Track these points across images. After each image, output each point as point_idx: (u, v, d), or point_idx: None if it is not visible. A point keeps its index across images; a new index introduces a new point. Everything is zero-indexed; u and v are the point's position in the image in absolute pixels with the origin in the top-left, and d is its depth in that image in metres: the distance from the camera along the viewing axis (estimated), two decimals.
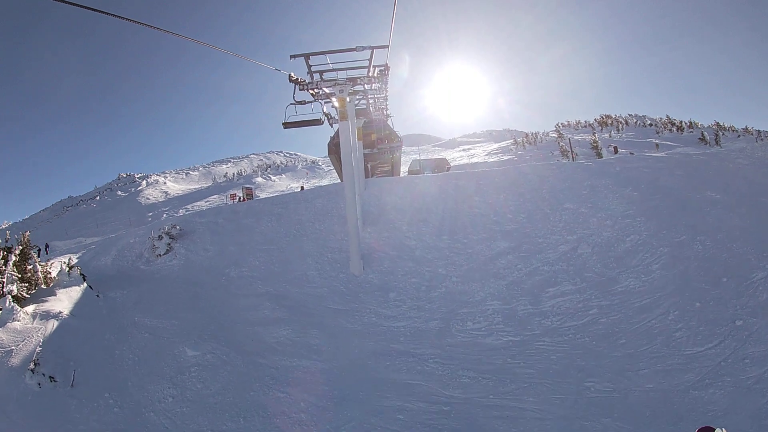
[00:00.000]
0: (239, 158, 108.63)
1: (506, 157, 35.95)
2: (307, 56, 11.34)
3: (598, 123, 48.29)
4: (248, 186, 30.32)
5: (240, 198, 27.06)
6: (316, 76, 12.15)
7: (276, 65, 10.61)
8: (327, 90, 12.35)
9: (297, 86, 11.54)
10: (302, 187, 28.02)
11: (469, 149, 62.54)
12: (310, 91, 12.71)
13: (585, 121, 55.46)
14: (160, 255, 17.02)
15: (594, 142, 28.44)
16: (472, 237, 12.80)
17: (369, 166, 24.85)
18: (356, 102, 15.78)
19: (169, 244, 17.40)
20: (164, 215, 43.16)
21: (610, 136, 36.83)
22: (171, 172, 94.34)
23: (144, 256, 17.49)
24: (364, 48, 10.81)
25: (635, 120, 47.12)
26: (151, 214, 45.54)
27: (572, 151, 25.41)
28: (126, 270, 16.85)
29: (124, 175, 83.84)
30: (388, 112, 20.52)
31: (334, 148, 21.55)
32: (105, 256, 18.42)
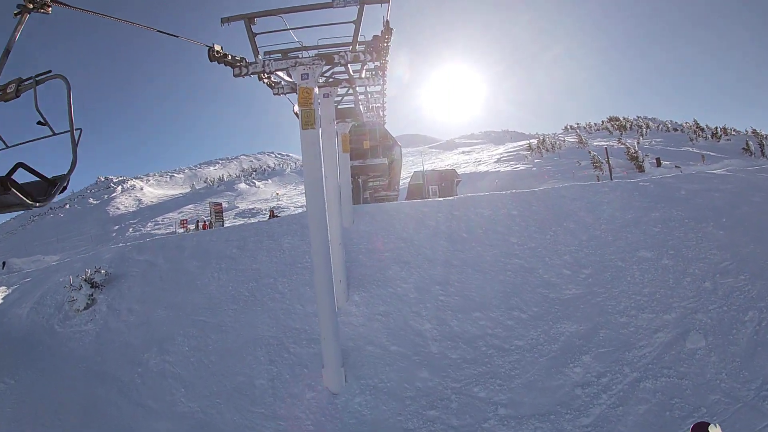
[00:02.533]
0: (228, 159, 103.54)
1: (521, 166, 31.03)
2: (249, 18, 6.48)
3: (614, 126, 43.72)
4: (217, 202, 25.41)
5: (199, 224, 22.06)
6: (272, 55, 7.38)
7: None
8: (289, 77, 7.52)
9: (233, 70, 6.82)
10: (272, 212, 22.66)
11: (469, 152, 58.47)
12: (264, 80, 8.09)
13: (596, 124, 51.24)
14: (78, 310, 13.02)
15: (633, 153, 23.86)
16: (519, 314, 8.23)
17: (360, 181, 20.15)
18: (337, 99, 10.85)
19: (91, 295, 13.26)
20: (131, 229, 38.33)
21: (638, 143, 32.34)
22: (154, 174, 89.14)
23: (64, 308, 13.57)
24: (347, 2, 6.09)
25: (657, 124, 42.64)
26: (116, 227, 40.47)
27: (609, 165, 20.65)
28: (37, 331, 13.22)
29: (102, 179, 78.14)
30: (385, 112, 15.45)
31: None
32: (27, 300, 14.68)
